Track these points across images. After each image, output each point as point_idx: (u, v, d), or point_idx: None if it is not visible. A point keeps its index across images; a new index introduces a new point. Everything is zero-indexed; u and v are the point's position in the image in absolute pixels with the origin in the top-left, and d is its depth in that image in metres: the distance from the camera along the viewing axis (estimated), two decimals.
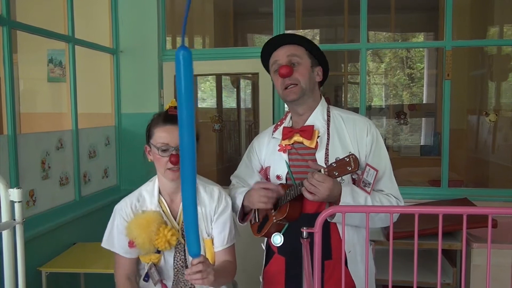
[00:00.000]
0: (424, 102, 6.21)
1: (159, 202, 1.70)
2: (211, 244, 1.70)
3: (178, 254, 1.69)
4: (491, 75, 4.74)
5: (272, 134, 1.83)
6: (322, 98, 1.78)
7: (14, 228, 1.57)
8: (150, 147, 1.69)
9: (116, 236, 1.70)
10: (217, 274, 1.47)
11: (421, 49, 6.59)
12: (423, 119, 5.75)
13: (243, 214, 1.85)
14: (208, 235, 1.71)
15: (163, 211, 1.70)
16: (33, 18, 3.15)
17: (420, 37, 6.58)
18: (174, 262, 1.69)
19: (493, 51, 4.66)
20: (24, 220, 1.59)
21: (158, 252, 1.66)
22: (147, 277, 1.71)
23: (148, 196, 1.72)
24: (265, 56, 1.78)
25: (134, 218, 1.65)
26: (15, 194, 1.54)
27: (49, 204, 2.66)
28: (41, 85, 3.77)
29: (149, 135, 1.70)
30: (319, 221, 1.18)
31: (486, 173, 4.55)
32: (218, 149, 4.61)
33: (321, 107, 1.75)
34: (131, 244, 1.64)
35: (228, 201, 1.76)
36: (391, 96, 6.78)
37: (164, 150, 1.62)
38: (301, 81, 1.67)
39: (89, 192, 3.10)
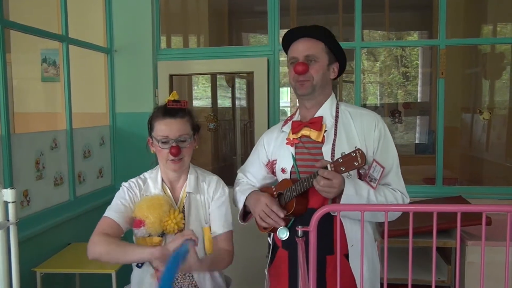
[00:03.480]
0: (418, 100, 6.23)
1: (162, 188, 1.75)
2: (209, 232, 1.75)
3: None
4: (485, 73, 4.77)
5: (281, 128, 1.85)
6: (332, 93, 1.79)
7: (8, 228, 1.56)
8: (152, 140, 1.74)
9: (119, 205, 1.70)
10: (206, 265, 1.60)
11: (415, 47, 6.61)
12: (418, 117, 5.76)
13: (243, 213, 1.87)
14: (206, 223, 1.75)
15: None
16: (27, 17, 3.13)
17: (415, 36, 6.60)
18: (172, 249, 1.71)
19: (487, 49, 4.68)
20: (18, 220, 1.58)
21: (161, 236, 1.68)
22: (141, 263, 1.71)
23: (152, 182, 1.77)
24: (286, 44, 1.78)
25: (145, 199, 1.69)
26: (8, 194, 1.54)
27: (44, 204, 2.65)
28: (35, 85, 3.75)
29: (150, 128, 1.75)
30: (314, 219, 1.18)
31: (480, 171, 4.57)
32: (213, 148, 4.60)
33: (331, 102, 1.75)
34: (138, 224, 1.64)
35: (225, 190, 1.82)
36: (386, 94, 6.79)
37: (164, 142, 1.68)
38: (315, 78, 1.68)
39: (84, 192, 3.09)
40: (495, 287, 1.60)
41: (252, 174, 1.95)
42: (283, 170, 1.76)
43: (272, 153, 1.86)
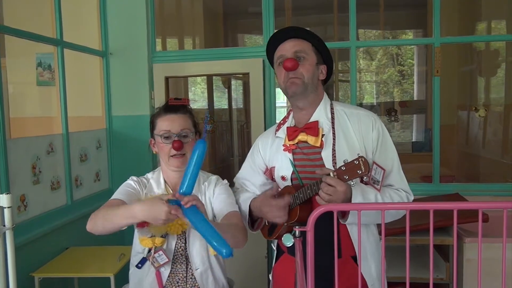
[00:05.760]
0: (415, 98, 6.25)
1: (165, 189, 1.76)
2: None
3: (179, 241, 1.71)
4: (480, 70, 4.78)
5: (275, 133, 1.81)
6: (325, 94, 1.75)
7: (4, 234, 1.55)
8: (154, 139, 1.75)
9: (126, 190, 1.71)
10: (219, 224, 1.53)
11: (410, 46, 6.63)
12: (414, 115, 5.78)
13: (251, 221, 1.84)
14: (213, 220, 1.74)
15: None
16: (21, 22, 3.12)
17: (410, 34, 6.61)
18: (174, 250, 1.70)
19: (481, 46, 4.70)
20: (14, 226, 1.58)
21: (164, 237, 1.68)
22: (141, 263, 1.70)
23: (155, 183, 1.77)
24: (271, 48, 1.74)
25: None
26: (4, 199, 1.53)
27: (41, 208, 2.64)
28: (31, 89, 3.74)
29: (152, 127, 1.76)
30: (311, 219, 1.18)
31: (477, 168, 4.59)
32: (211, 149, 4.60)
33: (324, 103, 1.71)
34: (142, 223, 1.63)
35: (225, 181, 1.83)
36: (382, 93, 6.81)
37: (166, 137, 1.69)
38: (305, 76, 1.64)
39: (81, 196, 3.08)
40: (493, 283, 1.60)
41: (250, 182, 1.91)
42: (283, 178, 1.73)
43: (269, 160, 1.82)
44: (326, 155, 1.63)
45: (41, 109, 3.82)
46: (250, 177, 1.91)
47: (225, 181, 1.84)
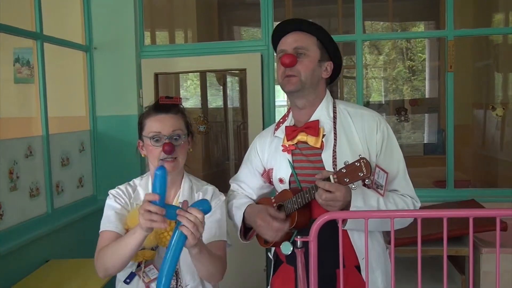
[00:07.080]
0: (426, 96, 6.26)
1: None
2: None
3: None
4: (497, 66, 4.79)
5: (274, 133, 1.83)
6: (327, 93, 1.77)
7: None
8: (143, 141, 1.73)
9: (113, 216, 1.68)
10: (204, 247, 1.51)
11: (421, 39, 6.65)
12: (426, 115, 5.79)
13: (244, 229, 1.85)
14: (201, 235, 1.71)
15: None
16: None
17: (421, 26, 6.63)
18: None
19: (498, 40, 4.71)
20: None
21: (153, 249, 1.66)
22: (129, 279, 1.69)
23: (142, 190, 1.75)
24: (275, 39, 1.77)
25: (138, 209, 1.65)
26: None
27: (19, 218, 2.63)
28: (7, 87, 3.73)
29: (140, 128, 1.74)
30: (314, 229, 1.18)
31: (495, 171, 4.59)
32: (204, 153, 4.59)
33: (326, 102, 1.73)
34: None
35: (221, 198, 1.80)
36: (391, 90, 6.82)
37: (156, 140, 1.67)
38: (302, 74, 1.66)
39: (63, 203, 3.07)
40: None
41: (247, 185, 1.92)
42: (281, 181, 1.75)
43: (267, 162, 1.84)
44: (326, 157, 1.65)
45: (19, 108, 3.81)
46: (247, 180, 1.93)
47: (223, 196, 1.82)
